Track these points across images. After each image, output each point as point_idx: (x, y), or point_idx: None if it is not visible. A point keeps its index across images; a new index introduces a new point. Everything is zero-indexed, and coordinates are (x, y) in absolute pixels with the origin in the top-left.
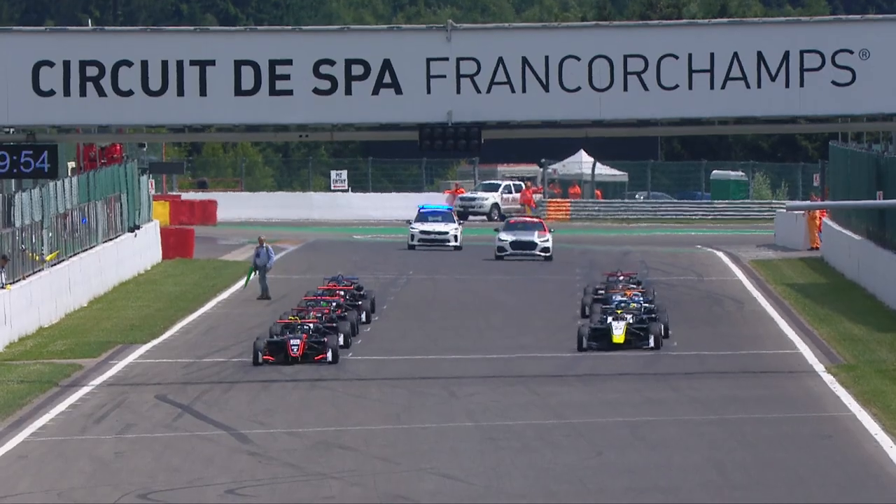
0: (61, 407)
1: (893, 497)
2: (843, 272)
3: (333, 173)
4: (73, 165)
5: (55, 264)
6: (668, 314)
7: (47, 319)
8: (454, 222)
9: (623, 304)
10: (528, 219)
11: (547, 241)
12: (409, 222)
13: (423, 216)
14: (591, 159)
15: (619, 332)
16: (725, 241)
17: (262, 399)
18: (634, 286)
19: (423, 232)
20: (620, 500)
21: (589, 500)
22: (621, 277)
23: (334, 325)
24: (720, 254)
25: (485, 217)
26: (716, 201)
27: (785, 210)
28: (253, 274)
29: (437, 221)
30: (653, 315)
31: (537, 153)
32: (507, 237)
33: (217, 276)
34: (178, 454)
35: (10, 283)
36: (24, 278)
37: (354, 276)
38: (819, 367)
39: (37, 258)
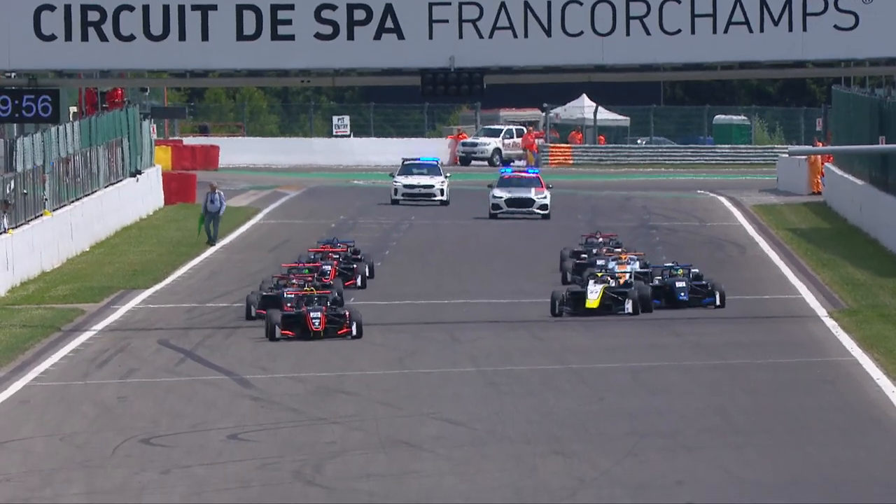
0: (63, 352)
1: (895, 441)
2: (846, 217)
3: (335, 119)
4: (75, 110)
5: (56, 209)
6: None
7: (49, 264)
8: (440, 175)
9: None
10: (524, 174)
11: (545, 197)
12: (392, 175)
13: (407, 168)
14: (594, 104)
15: (593, 297)
16: (728, 185)
17: (265, 344)
18: (618, 249)
19: (407, 186)
20: (622, 444)
21: (591, 445)
22: (600, 239)
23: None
24: (722, 199)
25: (486, 162)
26: (718, 146)
27: (787, 155)
28: (205, 222)
29: (422, 174)
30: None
31: (539, 98)
32: (501, 194)
33: (223, 222)
34: (180, 399)
35: (13, 228)
36: (26, 223)
37: (350, 240)
38: (821, 312)
39: (48, 214)
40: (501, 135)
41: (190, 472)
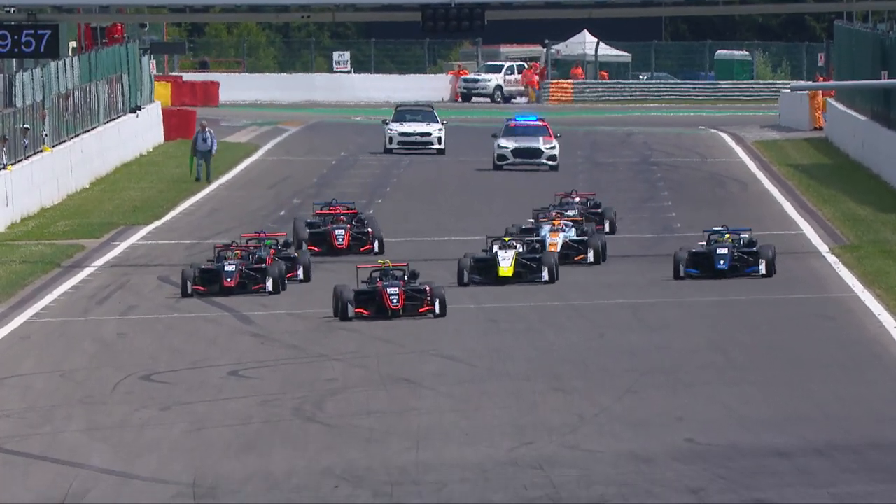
0: (63, 288)
1: (894, 370)
2: (847, 152)
3: (336, 55)
4: (74, 45)
5: (56, 145)
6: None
7: (49, 200)
8: (437, 122)
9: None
10: (530, 122)
11: (553, 147)
12: (385, 122)
13: (400, 115)
14: (595, 40)
15: (506, 265)
16: (729, 121)
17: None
18: (572, 212)
19: (402, 134)
20: (622, 381)
21: (592, 381)
22: (577, 199)
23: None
24: (724, 135)
25: (488, 98)
26: (720, 82)
27: (789, 90)
28: (195, 161)
29: (416, 121)
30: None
31: (540, 34)
32: (508, 144)
33: (219, 158)
34: (180, 336)
35: (11, 164)
36: (25, 159)
37: (350, 202)
38: (823, 248)
39: (47, 150)
40: (503, 71)
41: (190, 409)
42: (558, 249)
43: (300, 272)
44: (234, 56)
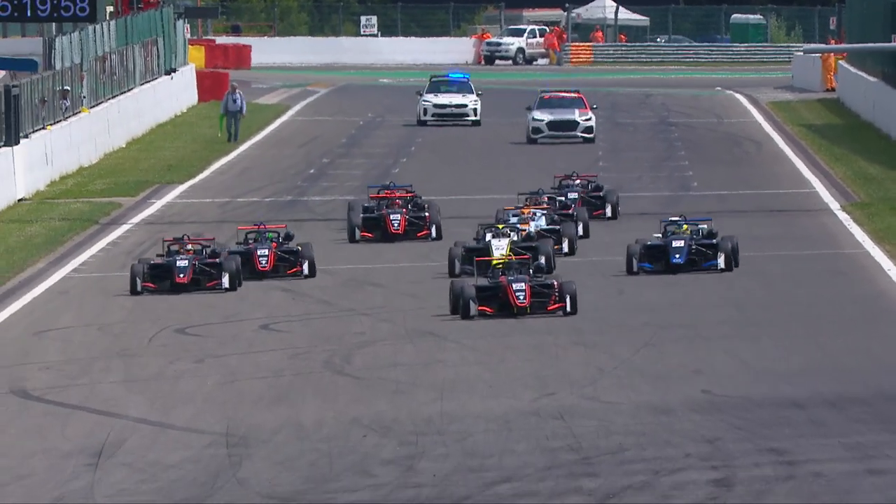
0: (101, 244)
1: None
2: (859, 113)
3: (363, 19)
4: (111, 10)
5: (93, 106)
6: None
7: (87, 159)
8: (472, 93)
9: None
10: (565, 94)
11: (589, 119)
12: (419, 94)
13: (435, 86)
14: (614, 4)
15: (501, 253)
16: (744, 83)
17: (296, 237)
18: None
19: (437, 105)
20: (641, 335)
21: (610, 336)
22: (577, 181)
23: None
24: (739, 96)
25: (510, 61)
26: (735, 45)
27: (802, 53)
28: (225, 121)
29: (451, 92)
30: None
31: None
32: (543, 116)
33: (251, 119)
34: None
35: (51, 125)
36: (64, 119)
37: (408, 184)
38: (834, 206)
39: (85, 111)
40: (525, 34)
41: (223, 361)
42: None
43: (305, 267)
44: (265, 20)
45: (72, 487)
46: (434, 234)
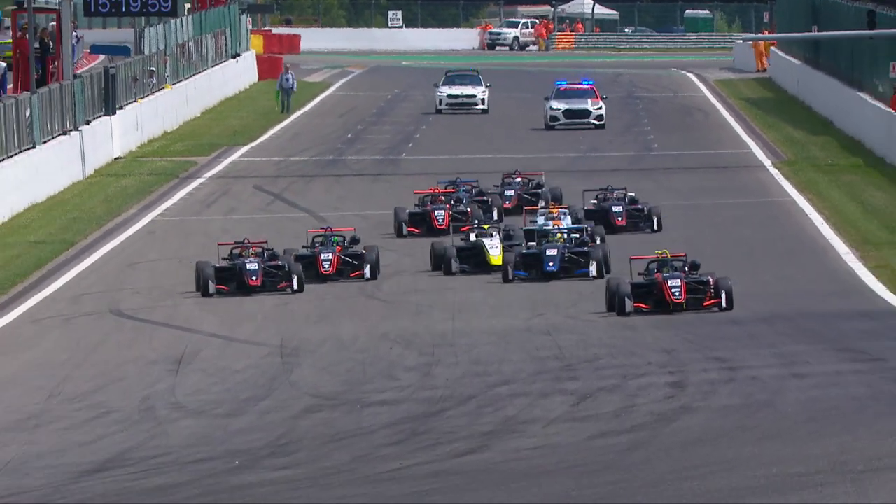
0: (181, 194)
1: (822, 258)
2: (786, 89)
3: (390, 13)
4: (189, 6)
5: (175, 83)
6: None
7: (169, 126)
8: (481, 84)
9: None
10: (579, 85)
11: (600, 108)
12: (435, 86)
13: (449, 79)
14: (592, 1)
15: (496, 252)
16: (695, 65)
17: (336, 189)
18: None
19: (450, 96)
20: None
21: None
22: (518, 179)
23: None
24: (691, 75)
25: (508, 47)
26: (688, 34)
27: (741, 41)
28: (280, 96)
29: (464, 84)
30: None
31: None
32: (559, 106)
33: (300, 94)
34: (270, 231)
35: (141, 98)
36: (151, 94)
37: (474, 178)
38: (767, 163)
39: (168, 88)
40: (519, 26)
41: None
42: None
43: (367, 271)
44: (311, 15)
45: (157, 388)
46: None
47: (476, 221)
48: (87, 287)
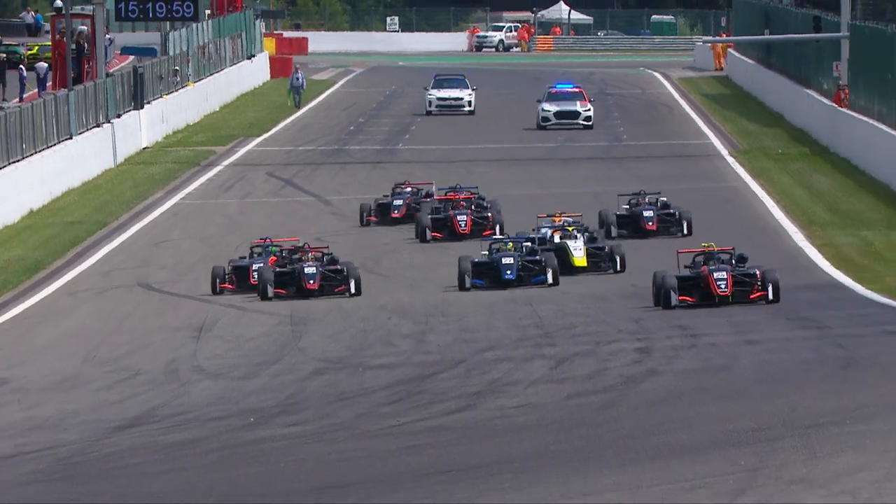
0: (201, 180)
1: (773, 237)
2: (742, 86)
3: (388, 19)
4: (209, 12)
5: (196, 81)
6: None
7: (191, 119)
8: (468, 88)
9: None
10: (569, 89)
11: (589, 110)
12: (425, 88)
13: (438, 83)
14: (568, 8)
15: (579, 254)
16: (660, 65)
17: (340, 176)
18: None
19: (439, 98)
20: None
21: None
22: (408, 189)
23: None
24: (656, 74)
25: (494, 49)
26: (654, 37)
27: (701, 43)
28: (291, 93)
29: (452, 88)
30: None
31: (530, 4)
32: (550, 107)
33: (308, 91)
34: (282, 213)
35: (167, 94)
36: (175, 90)
37: (474, 185)
38: (724, 152)
39: (190, 85)
40: (504, 30)
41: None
42: None
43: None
44: (318, 20)
45: (180, 353)
46: (498, 232)
47: (497, 226)
48: (118, 263)
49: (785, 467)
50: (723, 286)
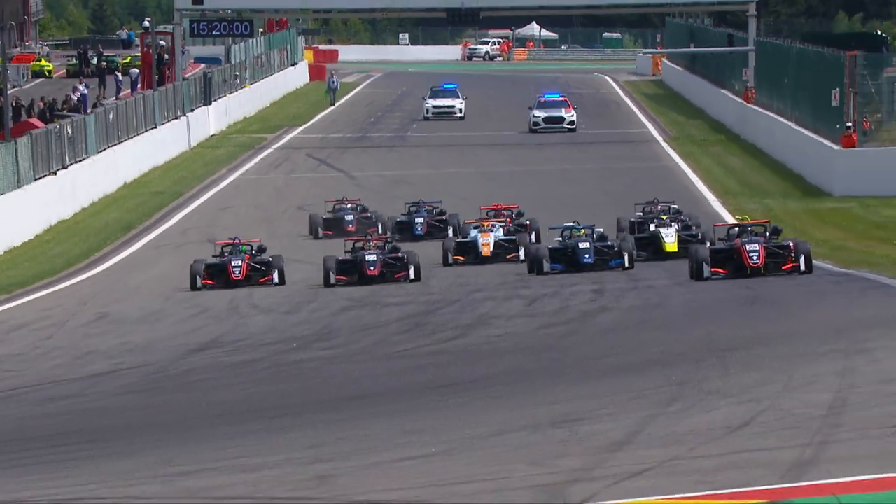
0: (256, 160)
1: (697, 204)
2: (673, 88)
3: (400, 35)
4: (262, 30)
5: (252, 84)
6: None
7: (248, 113)
8: (459, 97)
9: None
10: (556, 98)
11: (573, 115)
12: (423, 98)
13: (434, 93)
14: (539, 27)
15: (671, 240)
16: (609, 71)
17: (363, 157)
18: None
19: (435, 107)
20: (558, 203)
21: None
22: (348, 205)
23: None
24: (607, 78)
25: (482, 58)
26: (605, 49)
27: (642, 54)
28: (328, 93)
29: (446, 97)
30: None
31: (509, 23)
32: (540, 114)
33: (340, 92)
34: (319, 185)
35: (229, 93)
36: (236, 90)
37: (438, 200)
38: (659, 138)
39: (247, 86)
40: (489, 43)
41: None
42: None
43: (275, 276)
44: (346, 36)
45: (239, 294)
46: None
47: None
48: (192, 223)
49: (705, 382)
50: (755, 258)
